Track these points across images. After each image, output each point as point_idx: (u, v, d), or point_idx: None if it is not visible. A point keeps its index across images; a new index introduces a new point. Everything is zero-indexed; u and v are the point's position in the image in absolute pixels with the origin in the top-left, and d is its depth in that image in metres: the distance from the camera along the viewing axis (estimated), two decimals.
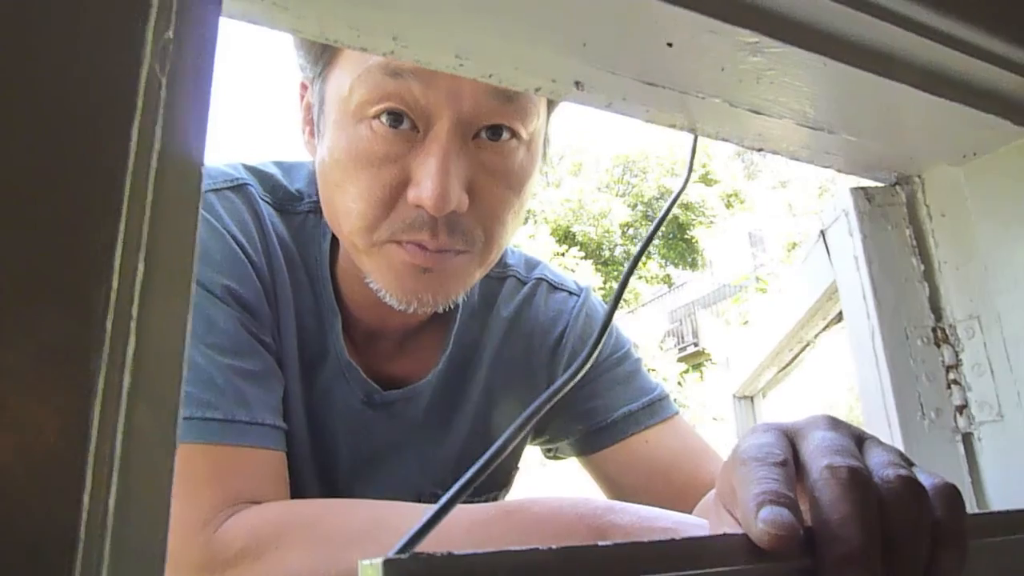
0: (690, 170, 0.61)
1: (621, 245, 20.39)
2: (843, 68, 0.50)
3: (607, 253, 20.24)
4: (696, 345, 15.34)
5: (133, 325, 0.23)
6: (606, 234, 20.07)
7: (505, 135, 0.70)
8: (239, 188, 0.80)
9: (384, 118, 0.67)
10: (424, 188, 0.66)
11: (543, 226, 19.30)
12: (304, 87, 0.79)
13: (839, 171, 0.69)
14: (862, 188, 0.71)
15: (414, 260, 0.70)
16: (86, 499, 0.21)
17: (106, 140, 0.23)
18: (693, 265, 20.51)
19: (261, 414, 0.70)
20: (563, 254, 16.76)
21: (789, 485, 0.36)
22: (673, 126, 0.59)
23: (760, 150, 0.63)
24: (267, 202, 0.81)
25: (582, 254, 18.20)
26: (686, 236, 20.16)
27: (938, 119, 0.58)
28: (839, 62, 0.49)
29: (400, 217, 0.69)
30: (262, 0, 0.40)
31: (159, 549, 0.23)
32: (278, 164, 0.87)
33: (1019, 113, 0.59)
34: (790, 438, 0.41)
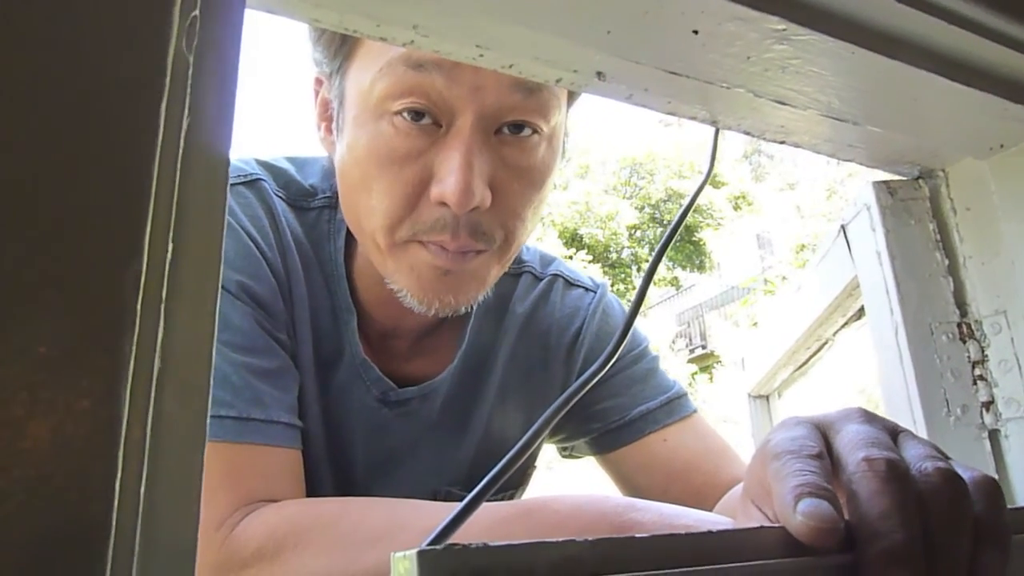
0: (712, 163, 0.60)
1: (629, 247, 20.36)
2: (871, 56, 0.49)
3: (615, 255, 20.21)
4: (704, 347, 15.29)
5: (162, 308, 0.22)
6: (613, 236, 20.04)
7: (527, 130, 0.69)
8: (252, 184, 0.79)
9: (406, 114, 0.66)
10: (447, 184, 0.65)
11: (550, 229, 19.29)
12: (319, 82, 0.78)
13: (861, 164, 0.69)
14: (884, 182, 0.70)
15: (436, 261, 0.69)
16: (117, 486, 0.20)
17: (135, 120, 0.22)
18: (701, 267, 20.46)
19: (277, 412, 0.69)
20: (571, 257, 16.74)
21: (827, 477, 0.35)
22: (694, 118, 0.58)
23: (782, 142, 0.62)
24: (281, 198, 0.80)
25: (590, 257, 18.18)
26: (694, 238, 20.12)
27: (965, 109, 0.57)
28: (867, 50, 0.48)
29: (423, 216, 0.68)
30: None
31: (190, 538, 0.22)
32: (291, 159, 0.86)
33: None
34: (823, 431, 0.40)
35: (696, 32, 0.45)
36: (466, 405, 0.87)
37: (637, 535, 0.27)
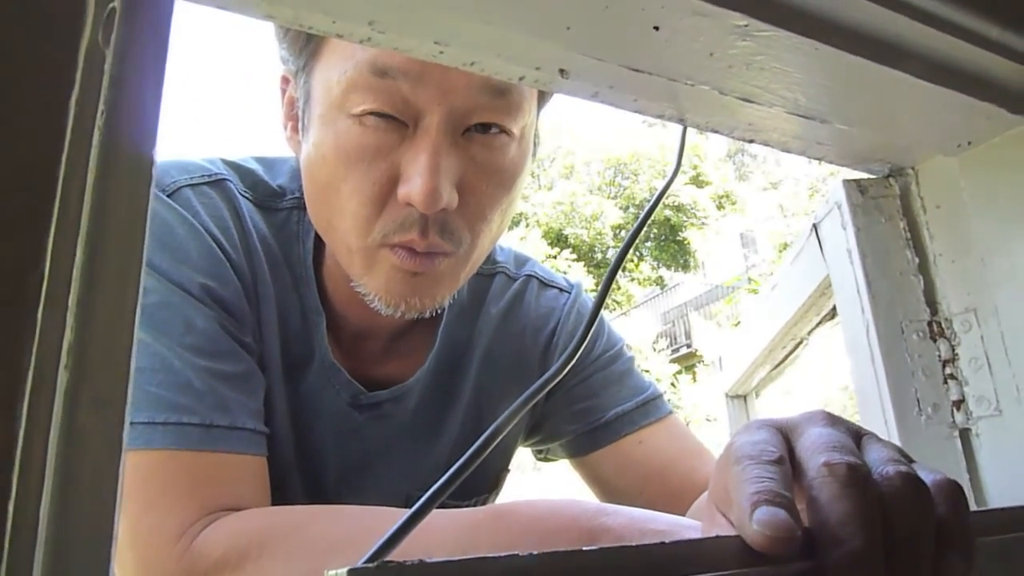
0: (679, 162, 0.60)
1: (613, 247, 20.39)
2: (835, 53, 0.48)
3: (599, 255, 20.24)
4: (689, 346, 15.34)
5: (69, 317, 0.21)
6: (598, 236, 20.08)
7: (495, 130, 0.69)
8: (217, 183, 0.77)
9: (372, 116, 0.65)
10: (414, 185, 0.64)
11: (535, 229, 19.29)
12: (286, 80, 0.76)
13: (831, 162, 0.68)
14: (855, 180, 0.69)
15: (403, 265, 0.68)
16: (11, 507, 0.19)
17: (38, 116, 0.21)
18: (685, 267, 20.53)
19: (241, 418, 0.68)
20: (555, 256, 16.75)
21: (786, 484, 0.34)
22: (662, 116, 0.57)
23: (751, 141, 0.62)
24: (247, 198, 0.79)
25: (574, 256, 18.19)
26: (678, 238, 20.19)
27: (933, 107, 0.57)
28: (831, 47, 0.48)
29: (391, 216, 0.67)
30: None
31: (102, 562, 0.21)
32: (259, 160, 0.85)
33: (1015, 101, 0.57)
34: (785, 435, 0.39)
35: (657, 28, 0.45)
36: (439, 408, 0.86)
37: (585, 548, 0.26)
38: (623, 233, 20.45)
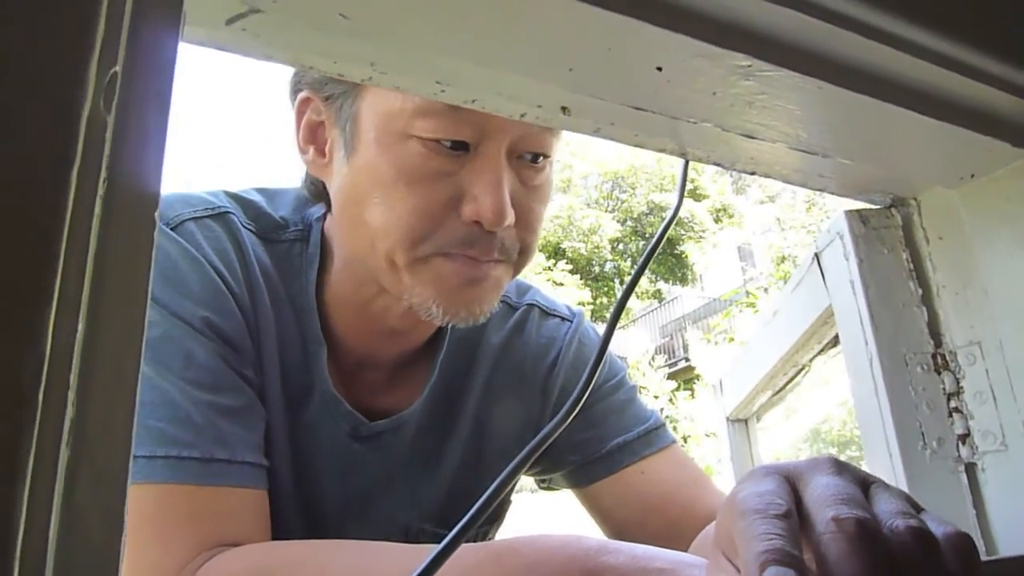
0: (681, 196, 0.60)
1: (611, 261, 20.41)
2: (837, 91, 0.48)
3: (597, 269, 20.25)
4: (688, 360, 15.32)
5: (71, 396, 0.21)
6: (596, 250, 20.09)
7: (542, 159, 0.73)
8: (220, 216, 0.77)
9: (443, 141, 0.68)
10: (484, 204, 0.67)
11: None
12: (307, 103, 0.76)
13: (832, 193, 0.68)
14: (857, 211, 0.69)
15: (464, 271, 0.70)
16: None
17: (38, 193, 0.21)
18: (683, 280, 20.54)
19: (241, 452, 0.67)
20: (551, 268, 16.75)
21: (794, 541, 0.34)
22: (663, 150, 0.57)
23: (752, 173, 0.62)
24: (251, 230, 0.79)
25: (570, 267, 18.19)
26: (676, 251, 20.20)
27: (934, 141, 0.57)
28: (833, 84, 0.48)
29: (450, 233, 0.69)
30: (229, 27, 0.38)
31: None
32: (261, 191, 0.85)
33: (1017, 134, 0.57)
34: (792, 484, 0.39)
35: (660, 69, 0.44)
36: (439, 437, 0.85)
37: None
38: (621, 246, 20.48)
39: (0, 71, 0.21)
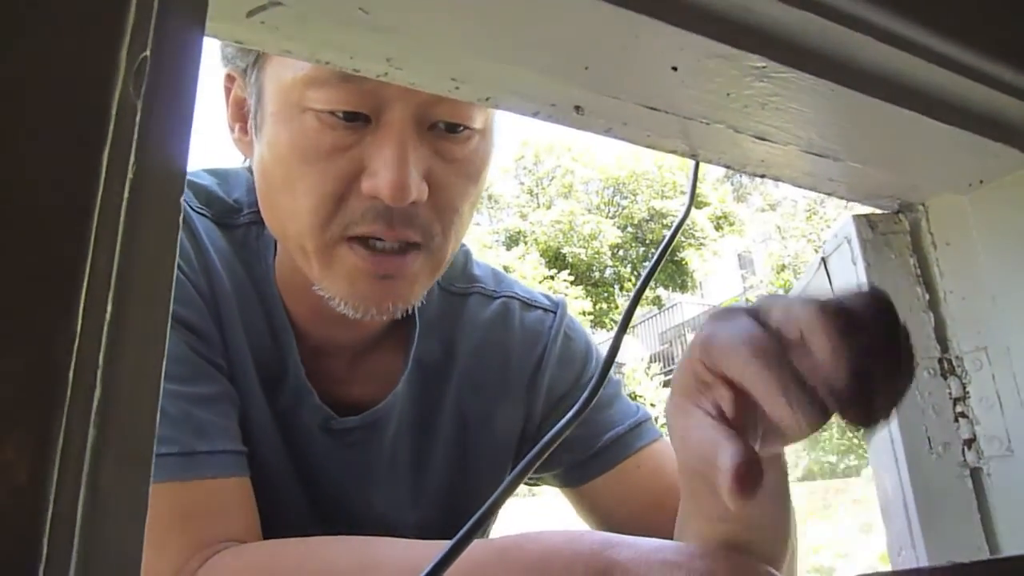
0: (692, 197, 0.60)
1: (612, 266, 20.41)
2: (851, 94, 0.48)
3: (597, 274, 20.25)
4: None
5: (99, 375, 0.21)
6: (596, 255, 20.09)
7: (461, 129, 0.68)
8: None
9: (337, 113, 0.63)
10: (381, 177, 0.62)
11: (533, 248, 19.31)
12: (231, 79, 0.73)
13: (841, 197, 0.68)
14: (865, 215, 0.69)
15: (372, 268, 0.66)
16: (41, 570, 0.18)
17: (75, 170, 0.21)
18: (683, 287, 20.54)
19: (221, 441, 0.66)
20: (552, 277, 16.75)
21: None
22: (674, 152, 0.57)
23: (762, 176, 0.62)
24: (204, 215, 0.76)
25: (572, 276, 18.19)
26: (676, 258, 20.21)
27: (944, 147, 0.57)
28: (847, 88, 0.48)
29: (352, 210, 0.65)
30: (250, 20, 0.38)
31: None
32: (212, 172, 0.81)
33: None
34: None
35: (675, 68, 0.45)
36: (423, 434, 0.83)
37: None
38: (621, 252, 20.48)
39: (37, 54, 0.21)
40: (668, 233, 0.59)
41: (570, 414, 0.46)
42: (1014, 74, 0.53)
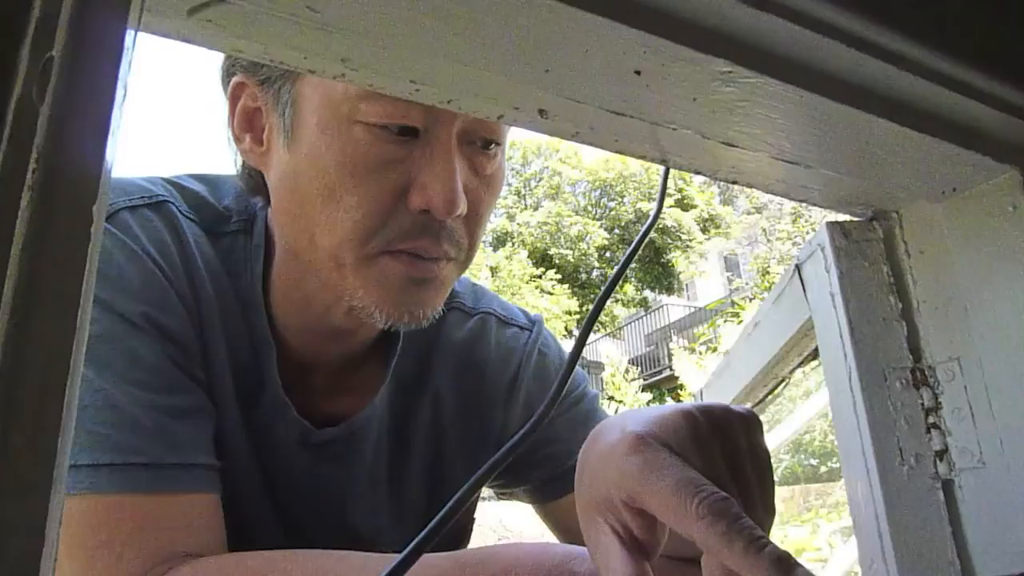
0: (660, 203, 0.59)
1: (598, 268, 20.45)
2: (820, 101, 0.47)
3: (584, 276, 20.28)
4: (671, 369, 15.36)
5: None
6: (583, 257, 20.12)
7: (493, 146, 0.70)
8: (158, 205, 0.72)
9: (390, 126, 0.64)
10: (435, 192, 0.64)
11: (520, 248, 19.29)
12: (242, 87, 0.71)
13: (814, 204, 0.67)
14: (838, 223, 0.68)
15: (410, 272, 0.67)
16: None
17: None
18: (669, 289, 20.60)
19: (193, 454, 0.64)
20: (539, 277, 16.74)
21: None
22: (644, 157, 0.56)
23: (734, 182, 0.61)
24: (192, 220, 0.74)
25: (559, 277, 18.19)
26: (662, 260, 20.26)
27: (917, 154, 0.56)
28: (816, 94, 0.47)
29: (398, 225, 0.65)
30: (191, 18, 0.37)
31: None
32: (201, 178, 0.80)
33: (1000, 149, 0.57)
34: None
35: (639, 73, 0.43)
36: (400, 448, 0.82)
37: None
38: (608, 254, 20.51)
39: None
40: (637, 236, 0.58)
41: (520, 432, 0.46)
42: (987, 81, 0.52)
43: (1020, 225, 0.59)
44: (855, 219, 0.69)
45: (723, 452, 0.45)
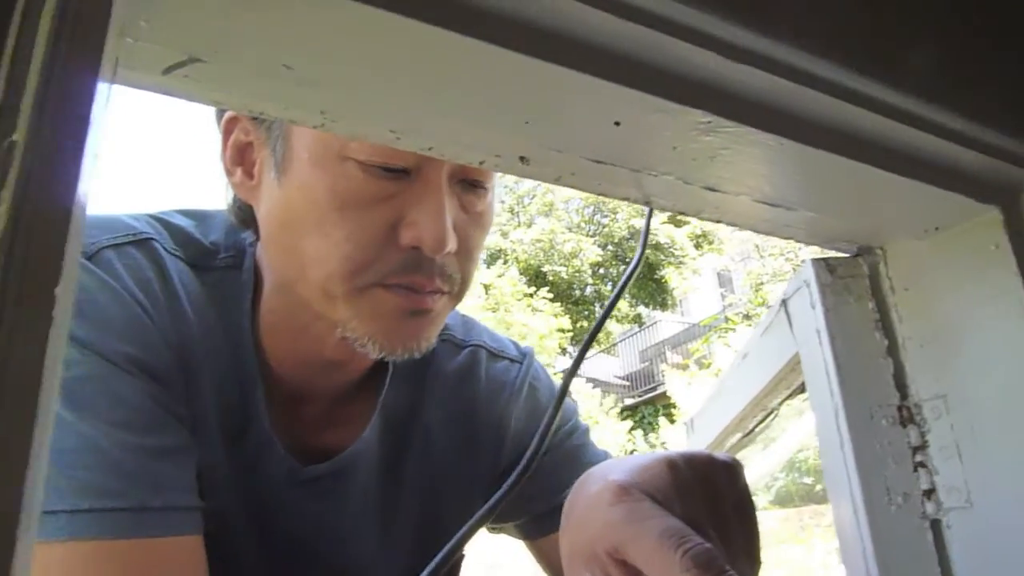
0: (644, 245, 0.59)
1: (592, 285, 20.45)
2: (800, 148, 0.47)
3: (578, 293, 20.28)
4: (665, 385, 15.34)
5: None
6: (577, 274, 20.13)
7: (480, 189, 0.71)
8: (142, 243, 0.72)
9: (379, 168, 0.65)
10: (425, 230, 0.65)
11: (513, 266, 19.31)
12: (234, 121, 0.72)
13: (799, 242, 0.67)
14: (824, 259, 0.68)
15: (405, 304, 0.67)
16: None
17: None
18: (663, 305, 20.61)
19: (176, 496, 0.64)
20: (532, 295, 16.75)
21: None
22: (627, 199, 0.56)
23: (718, 222, 0.61)
24: (178, 257, 0.74)
25: (552, 294, 18.19)
26: (656, 276, 20.29)
27: (898, 196, 0.56)
28: (795, 141, 0.47)
29: (389, 261, 0.66)
30: (169, 75, 0.37)
31: None
32: (189, 213, 0.80)
33: (981, 189, 0.57)
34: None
35: (618, 123, 0.43)
36: (391, 485, 0.82)
37: None
38: (601, 271, 20.53)
39: None
40: (621, 280, 0.58)
41: (513, 476, 0.45)
42: (965, 123, 0.52)
43: (1003, 263, 0.59)
44: (840, 255, 0.69)
45: (706, 501, 0.45)
